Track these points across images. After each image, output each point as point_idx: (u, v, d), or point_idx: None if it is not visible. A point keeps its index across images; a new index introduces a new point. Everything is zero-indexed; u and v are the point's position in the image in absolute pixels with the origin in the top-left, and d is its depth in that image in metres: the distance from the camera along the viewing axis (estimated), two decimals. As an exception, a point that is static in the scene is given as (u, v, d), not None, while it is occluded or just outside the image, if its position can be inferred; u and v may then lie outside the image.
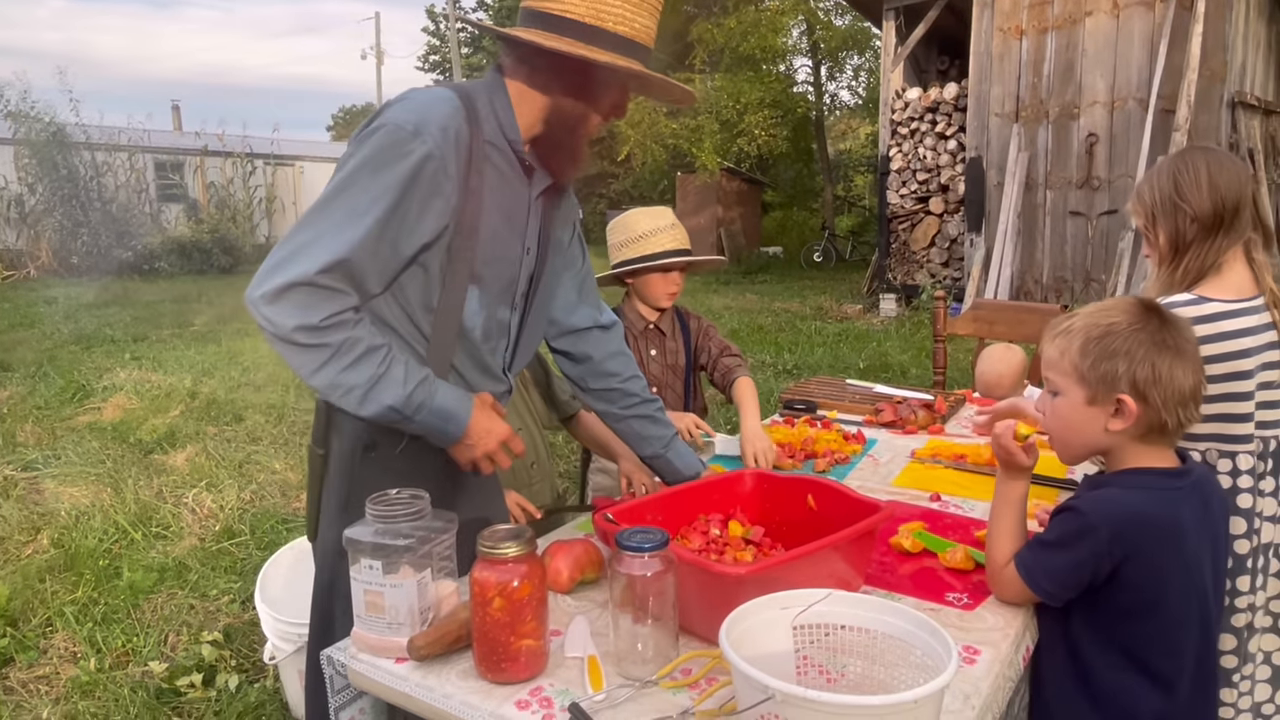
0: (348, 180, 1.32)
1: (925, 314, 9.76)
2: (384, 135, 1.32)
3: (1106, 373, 1.31)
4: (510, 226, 1.49)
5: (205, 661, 2.75)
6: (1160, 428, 1.32)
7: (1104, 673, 1.33)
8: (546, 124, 1.45)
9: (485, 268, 1.46)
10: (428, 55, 32.43)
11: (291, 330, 1.28)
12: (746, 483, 1.62)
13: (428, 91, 1.41)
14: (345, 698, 1.30)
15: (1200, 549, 1.33)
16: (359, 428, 1.45)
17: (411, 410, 1.36)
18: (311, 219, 1.32)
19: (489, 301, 1.49)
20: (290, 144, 21.79)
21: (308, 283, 1.28)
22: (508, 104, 1.44)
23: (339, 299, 1.31)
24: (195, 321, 10.17)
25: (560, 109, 1.43)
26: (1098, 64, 9.00)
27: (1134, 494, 1.32)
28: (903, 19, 10.80)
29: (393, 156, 1.31)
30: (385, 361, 1.35)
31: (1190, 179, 1.75)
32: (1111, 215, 9.01)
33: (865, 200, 22.31)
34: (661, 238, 2.36)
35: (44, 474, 4.60)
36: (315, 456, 1.52)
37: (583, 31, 1.36)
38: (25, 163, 16.22)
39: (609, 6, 1.37)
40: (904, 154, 10.87)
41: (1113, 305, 1.37)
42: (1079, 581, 1.31)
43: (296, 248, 1.30)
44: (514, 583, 1.14)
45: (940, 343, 3.35)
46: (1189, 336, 1.32)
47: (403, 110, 1.34)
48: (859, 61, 19.87)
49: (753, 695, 0.91)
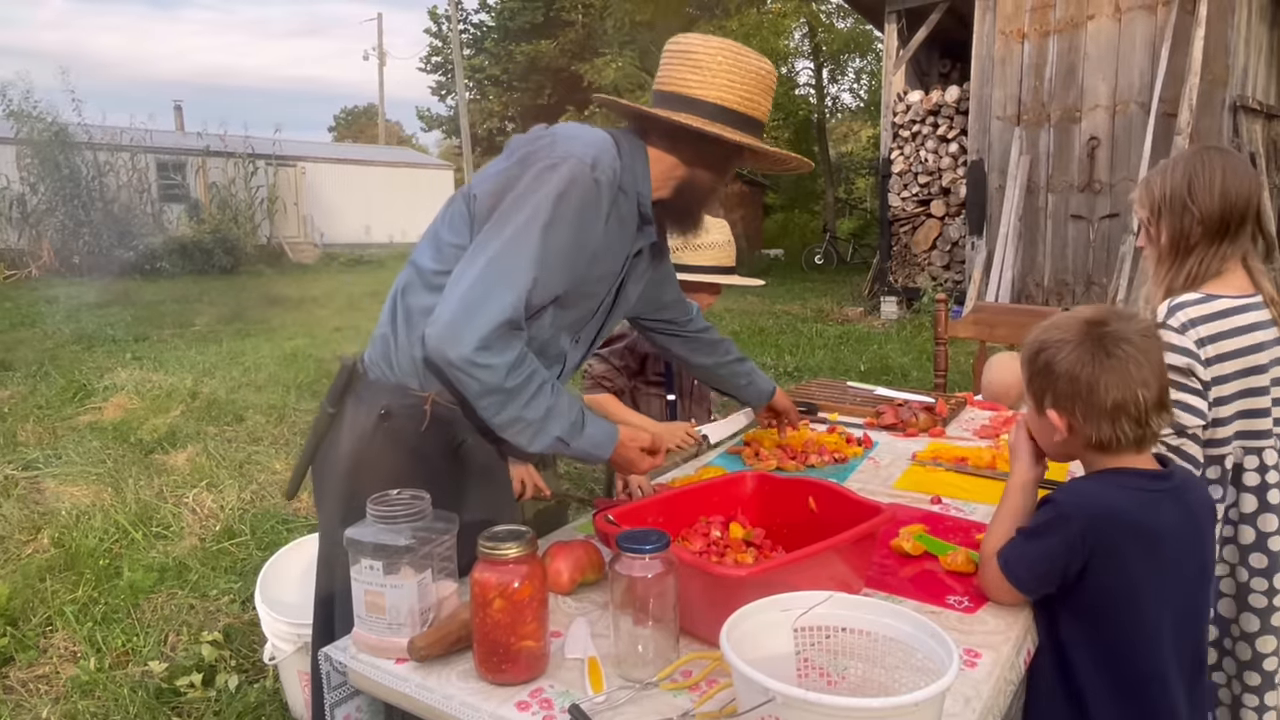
0: (538, 213, 1.36)
1: (926, 317, 9.76)
2: (570, 170, 1.38)
3: (1037, 388, 1.37)
4: (610, 268, 1.56)
5: (205, 661, 2.75)
6: (1105, 440, 1.32)
7: (1082, 672, 1.34)
8: (678, 192, 1.58)
9: (572, 292, 1.50)
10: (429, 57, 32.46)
11: (504, 377, 1.33)
12: (747, 485, 1.62)
13: (591, 129, 1.50)
14: (341, 695, 1.30)
15: (1182, 554, 1.33)
16: (380, 394, 1.48)
17: (572, 438, 1.43)
18: (508, 253, 1.35)
19: (559, 325, 1.53)
20: (292, 144, 21.83)
21: (509, 321, 1.33)
22: (645, 163, 1.54)
23: (523, 334, 1.37)
24: (196, 321, 10.17)
25: (695, 180, 1.57)
26: (1099, 67, 9.00)
27: (1110, 490, 1.33)
28: (904, 22, 10.80)
29: (579, 191, 1.38)
30: (553, 392, 1.41)
31: (1204, 181, 1.75)
32: (1113, 219, 9.01)
33: (866, 203, 22.30)
34: (717, 252, 2.44)
35: (45, 473, 4.60)
36: (324, 414, 1.54)
37: (719, 113, 1.49)
38: (27, 162, 16.25)
39: (740, 91, 1.50)
40: (905, 157, 10.87)
41: (1059, 320, 1.38)
42: (1050, 572, 1.32)
43: (495, 284, 1.33)
44: (515, 584, 1.14)
45: (941, 346, 3.35)
46: (1130, 354, 1.29)
47: (579, 145, 1.42)
48: (861, 64, 19.94)
49: (753, 697, 0.91)
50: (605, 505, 1.53)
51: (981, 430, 2.42)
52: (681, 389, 2.58)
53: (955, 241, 10.56)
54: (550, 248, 1.37)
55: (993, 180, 9.82)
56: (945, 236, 10.66)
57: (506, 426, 1.39)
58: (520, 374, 1.35)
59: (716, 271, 2.45)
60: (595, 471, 3.68)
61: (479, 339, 1.31)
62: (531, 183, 1.39)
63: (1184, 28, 8.32)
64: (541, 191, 1.37)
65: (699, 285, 2.44)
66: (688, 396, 2.59)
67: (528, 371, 1.37)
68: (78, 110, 17.04)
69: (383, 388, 1.48)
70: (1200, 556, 1.38)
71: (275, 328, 9.51)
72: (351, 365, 1.52)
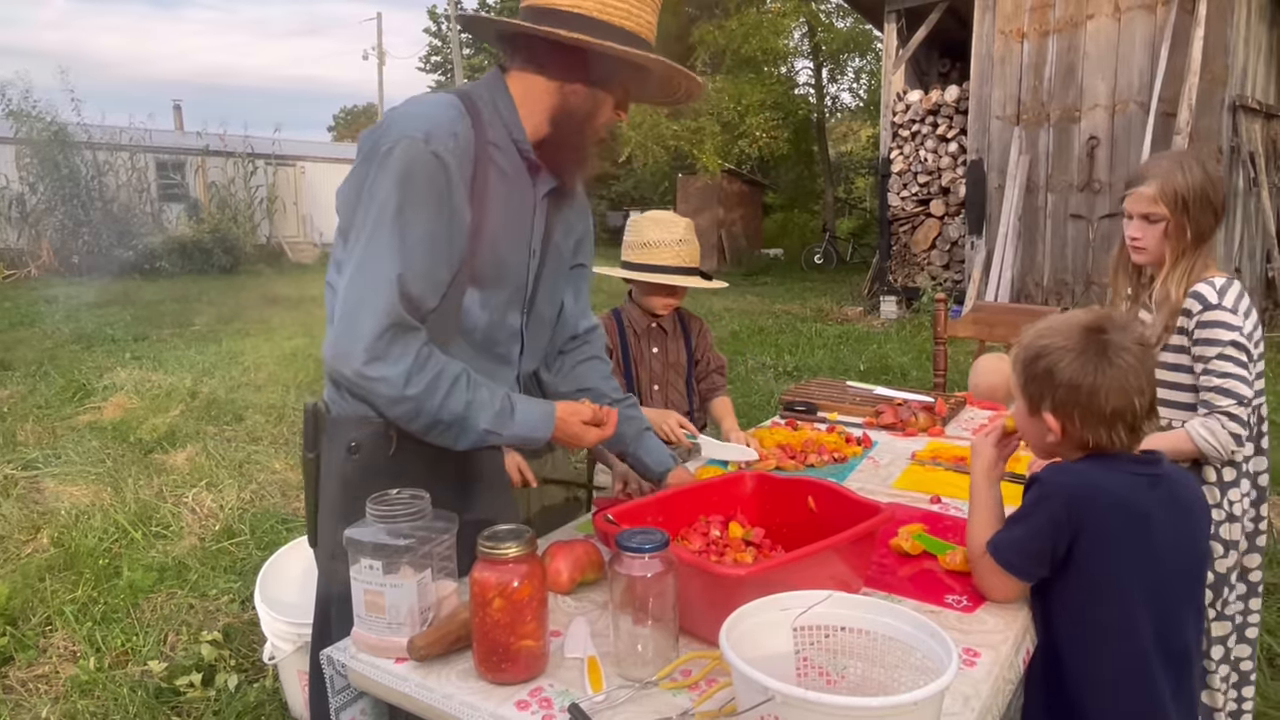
0: (386, 204, 1.30)
1: (926, 316, 9.76)
2: (404, 151, 1.30)
3: (1034, 392, 1.38)
4: (514, 230, 1.48)
5: (204, 661, 2.75)
6: (1099, 444, 1.34)
7: (1072, 668, 1.34)
8: (554, 123, 1.43)
9: (487, 270, 1.44)
10: (429, 56, 32.46)
11: (404, 386, 1.28)
12: (747, 484, 1.62)
13: (429, 98, 1.40)
14: (346, 698, 1.30)
15: (1169, 545, 1.33)
16: (346, 429, 1.44)
17: (502, 427, 1.38)
18: (369, 256, 1.30)
19: (496, 305, 1.47)
20: (291, 144, 21.82)
21: (391, 325, 1.27)
22: (511, 104, 1.43)
23: (419, 332, 1.32)
24: (196, 321, 10.17)
25: (568, 106, 1.42)
26: (1099, 67, 9.00)
27: (1096, 470, 1.35)
28: (904, 21, 10.80)
29: (419, 170, 1.30)
30: (470, 386, 1.35)
31: (1216, 178, 1.92)
32: (1112, 219, 9.00)
33: (866, 202, 22.31)
34: (665, 251, 2.34)
35: (44, 473, 4.60)
36: (308, 461, 1.50)
37: (590, 26, 1.35)
38: (27, 162, 16.23)
39: (614, 2, 1.37)
40: (905, 156, 10.87)
41: (1056, 325, 1.39)
42: (1040, 551, 1.33)
43: (365, 291, 1.28)
44: (514, 583, 1.14)
45: (941, 345, 3.35)
46: (1130, 363, 1.32)
47: (411, 122, 1.33)
48: (860, 64, 19.88)
49: (753, 696, 0.91)
50: (605, 505, 1.53)
51: (980, 430, 2.42)
52: (640, 394, 2.48)
53: (954, 241, 10.56)
54: (409, 237, 1.30)
55: (992, 180, 9.82)
56: (945, 236, 10.66)
57: (427, 432, 1.35)
58: (422, 378, 1.30)
59: (670, 272, 2.34)
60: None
61: (365, 351, 1.27)
62: (376, 177, 1.32)
63: (1183, 27, 8.32)
64: (382, 183, 1.30)
65: (650, 287, 2.38)
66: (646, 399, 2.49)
67: (432, 373, 1.31)
68: (77, 110, 17.04)
69: (347, 422, 1.43)
70: (1190, 554, 1.39)
71: (275, 327, 9.51)
72: (314, 407, 1.48)
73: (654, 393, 2.51)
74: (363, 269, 1.30)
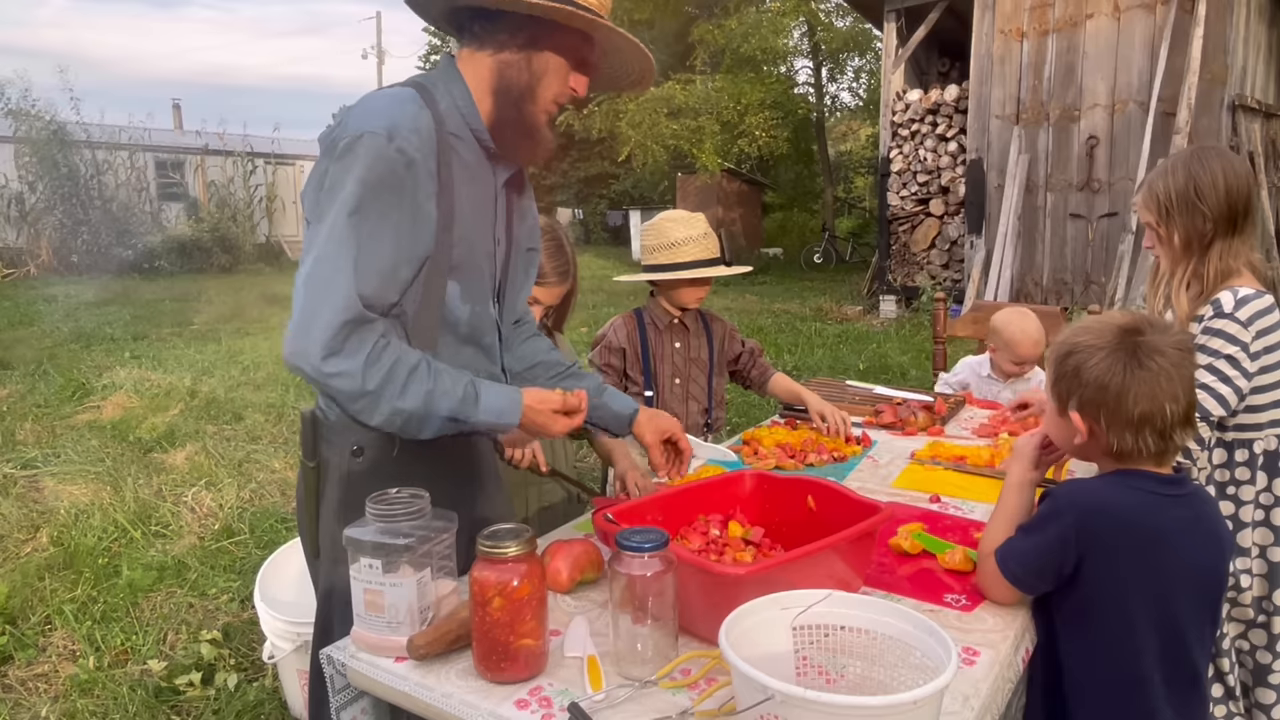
0: (346, 200, 1.28)
1: (925, 316, 9.76)
2: (366, 147, 1.28)
3: (1063, 390, 1.35)
4: (481, 219, 1.47)
5: (204, 660, 2.75)
6: (1125, 450, 1.30)
7: (1070, 673, 1.34)
8: (498, 102, 1.41)
9: (462, 261, 1.43)
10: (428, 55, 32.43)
11: (362, 380, 1.27)
12: (746, 483, 1.62)
13: (386, 93, 1.38)
14: (346, 697, 1.30)
15: (1184, 563, 1.30)
16: (348, 433, 1.43)
17: (466, 414, 1.36)
18: (327, 252, 1.28)
19: (473, 296, 1.47)
20: (291, 143, 21.79)
21: (348, 320, 1.26)
22: (465, 90, 1.41)
23: (375, 325, 1.30)
24: (195, 320, 10.17)
25: (506, 77, 1.39)
26: (1098, 67, 9.00)
27: (1111, 488, 1.32)
28: (904, 21, 10.80)
29: (382, 166, 1.28)
30: (430, 374, 1.33)
31: (1208, 180, 1.83)
32: (1112, 218, 9.01)
33: (865, 202, 22.30)
34: (693, 248, 2.45)
35: (43, 472, 4.60)
36: (307, 470, 1.48)
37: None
38: (26, 161, 16.23)
39: None
40: (904, 156, 10.87)
41: (1092, 324, 1.36)
42: (1045, 567, 1.31)
43: (321, 288, 1.27)
44: (514, 582, 1.14)
45: (940, 344, 3.36)
46: (1163, 367, 1.27)
47: (370, 117, 1.31)
48: (860, 63, 19.91)
49: (752, 695, 0.91)
50: (604, 504, 1.53)
51: (980, 429, 2.42)
52: (659, 386, 2.54)
53: (954, 240, 10.56)
54: (368, 233, 1.28)
55: (991, 179, 9.82)
56: (944, 235, 10.66)
57: (389, 424, 1.33)
58: (379, 370, 1.28)
59: (702, 265, 2.45)
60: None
61: (322, 347, 1.25)
62: (337, 173, 1.29)
63: (1183, 27, 8.33)
64: (344, 179, 1.28)
65: (683, 282, 2.47)
66: (666, 392, 2.55)
67: (388, 363, 1.29)
68: (76, 109, 17.06)
69: (349, 426, 1.41)
70: (1207, 577, 1.34)
71: (274, 326, 9.50)
72: (311, 415, 1.46)
73: (675, 386, 2.57)
74: (320, 265, 1.28)
